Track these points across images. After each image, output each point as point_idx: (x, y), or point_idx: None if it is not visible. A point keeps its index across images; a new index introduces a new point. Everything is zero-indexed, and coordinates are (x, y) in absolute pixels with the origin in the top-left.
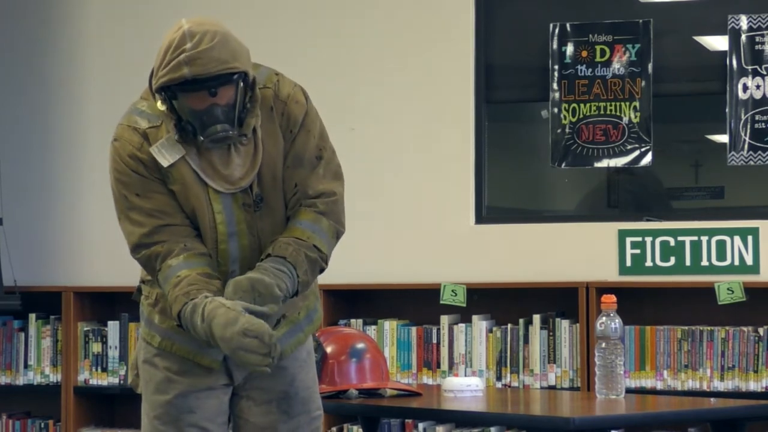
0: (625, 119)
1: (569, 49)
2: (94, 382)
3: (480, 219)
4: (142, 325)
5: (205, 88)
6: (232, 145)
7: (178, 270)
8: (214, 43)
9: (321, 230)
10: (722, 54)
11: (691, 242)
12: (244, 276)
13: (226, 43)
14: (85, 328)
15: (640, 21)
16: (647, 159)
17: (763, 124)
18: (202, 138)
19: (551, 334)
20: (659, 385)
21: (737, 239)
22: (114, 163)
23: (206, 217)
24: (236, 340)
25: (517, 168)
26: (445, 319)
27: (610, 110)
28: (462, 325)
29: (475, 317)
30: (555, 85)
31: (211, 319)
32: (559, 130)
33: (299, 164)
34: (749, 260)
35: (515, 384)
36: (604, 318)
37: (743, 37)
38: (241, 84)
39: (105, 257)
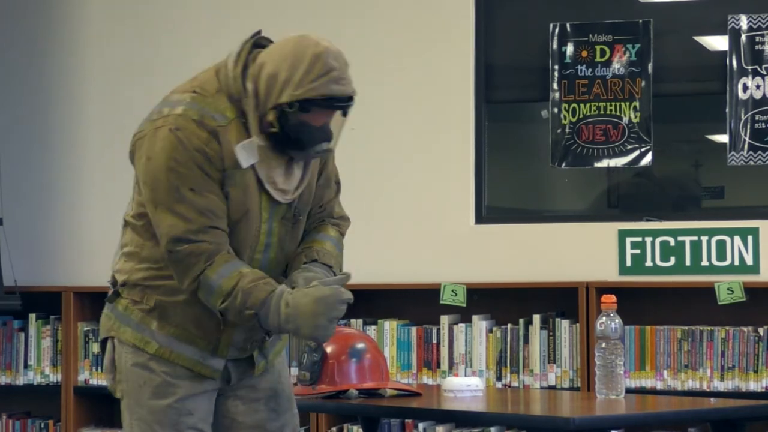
0: (625, 119)
1: (569, 49)
2: (94, 382)
3: (480, 219)
4: (128, 330)
5: (340, 108)
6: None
7: (238, 266)
8: (347, 65)
9: (341, 250)
10: (722, 54)
11: (691, 242)
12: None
13: None
14: (85, 328)
15: (640, 21)
16: (647, 159)
17: (763, 124)
18: (301, 150)
19: (551, 334)
20: (659, 385)
21: (737, 239)
22: (174, 152)
23: (254, 225)
24: (335, 310)
25: (517, 168)
26: (445, 319)
27: (610, 110)
28: (462, 325)
29: (475, 317)
30: (555, 85)
31: (301, 298)
32: (559, 130)
33: (328, 185)
34: (749, 260)
35: (515, 384)
36: (604, 318)
37: (743, 37)
38: None
39: (105, 257)
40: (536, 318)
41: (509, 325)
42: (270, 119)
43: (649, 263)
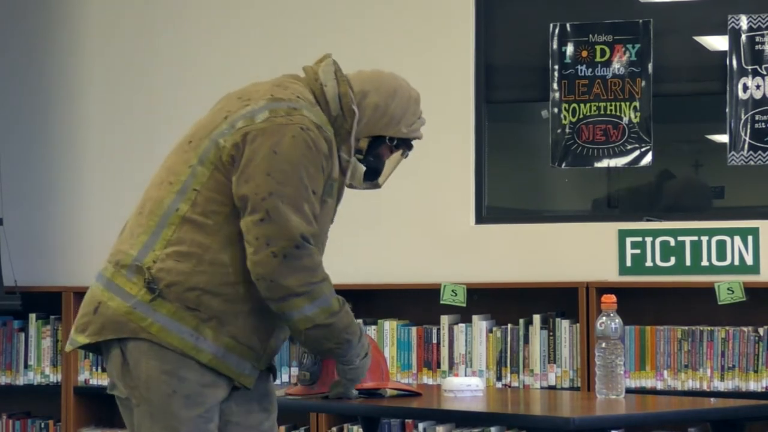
0: (625, 119)
1: (569, 49)
2: (94, 382)
3: (480, 219)
4: (174, 335)
5: (409, 148)
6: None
7: None
8: None
9: None
10: (722, 54)
11: (691, 242)
12: None
13: None
14: None
15: (640, 21)
16: (647, 159)
17: (763, 124)
18: (370, 181)
19: (551, 334)
20: (659, 385)
21: (737, 239)
22: (307, 151)
23: (325, 239)
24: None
25: (517, 168)
26: (445, 319)
27: (610, 110)
28: (462, 325)
29: (475, 317)
30: (555, 85)
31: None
32: (559, 130)
33: None
34: (749, 260)
35: (515, 384)
36: (604, 318)
37: (743, 37)
38: None
39: (105, 257)
40: (536, 318)
41: (509, 325)
42: (362, 146)
43: (649, 263)
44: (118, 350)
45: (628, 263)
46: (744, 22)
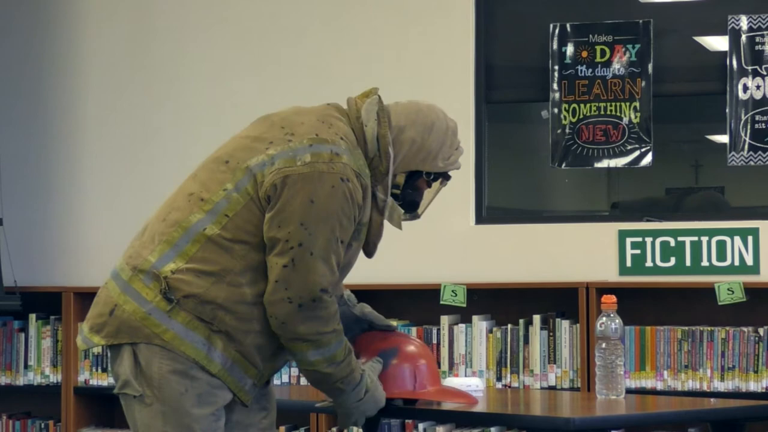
0: (625, 119)
1: (569, 49)
2: (94, 382)
3: (480, 219)
4: (188, 344)
5: (448, 178)
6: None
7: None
8: None
9: None
10: (722, 54)
11: (691, 242)
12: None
13: None
14: None
15: (640, 21)
16: (647, 159)
17: (763, 124)
18: (408, 214)
19: (551, 334)
20: (659, 386)
21: (737, 239)
22: (345, 205)
23: (344, 275)
24: (376, 406)
25: (517, 168)
26: (445, 320)
27: (610, 110)
28: (462, 326)
29: (475, 317)
30: (555, 86)
31: (371, 395)
32: (559, 130)
33: None
34: (749, 260)
35: (515, 384)
36: (604, 318)
37: (743, 37)
38: None
39: (105, 257)
40: (536, 318)
41: (509, 326)
42: (398, 181)
43: (649, 263)
44: (129, 350)
45: (628, 263)
46: (744, 22)
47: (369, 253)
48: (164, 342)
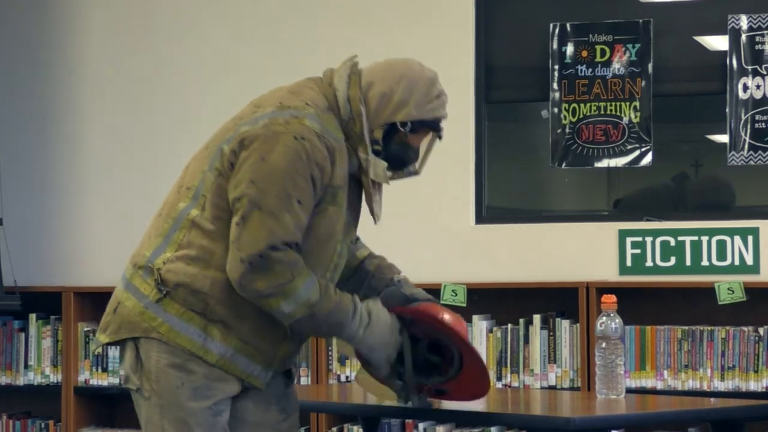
0: (625, 119)
1: (569, 49)
2: (94, 382)
3: (480, 219)
4: (183, 336)
5: (440, 129)
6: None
7: (318, 279)
8: None
9: None
10: (722, 54)
11: (691, 242)
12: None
13: None
14: (85, 328)
15: (640, 21)
16: (647, 159)
17: (763, 124)
18: (397, 171)
19: (551, 334)
20: (659, 385)
21: (737, 239)
22: (297, 161)
23: (332, 246)
24: (390, 342)
25: (517, 168)
26: None
27: (610, 110)
28: None
29: (475, 317)
30: (555, 85)
31: (374, 326)
32: (559, 130)
33: None
34: (749, 260)
35: (515, 384)
36: (604, 318)
37: (743, 37)
38: None
39: (105, 257)
40: (536, 318)
41: (509, 325)
42: (377, 137)
43: (649, 263)
44: (132, 346)
45: (628, 263)
46: (744, 22)
47: (374, 219)
48: (160, 335)
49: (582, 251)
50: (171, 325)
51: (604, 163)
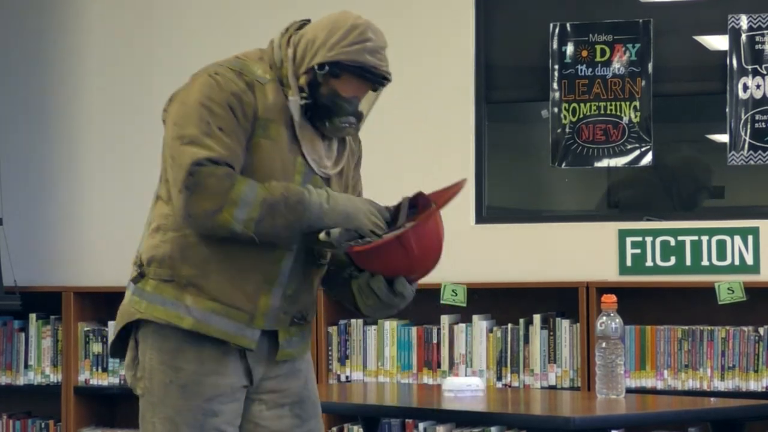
0: (625, 119)
1: (569, 48)
2: (94, 382)
3: (480, 219)
4: (160, 308)
5: (372, 81)
6: (331, 137)
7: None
8: (386, 45)
9: None
10: (722, 54)
11: (691, 242)
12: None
13: None
14: (85, 328)
15: (640, 21)
16: (647, 159)
17: (763, 123)
18: (328, 121)
19: (551, 334)
20: (659, 385)
21: (737, 239)
22: (210, 91)
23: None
24: (365, 206)
25: (517, 168)
26: (445, 319)
27: (610, 110)
28: (462, 325)
29: (475, 317)
30: (555, 85)
31: (338, 196)
32: (559, 130)
33: (359, 165)
34: (749, 260)
35: (515, 384)
36: (604, 318)
37: (743, 36)
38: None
39: (105, 257)
40: (536, 318)
41: (509, 325)
42: (302, 83)
43: (649, 263)
44: (132, 344)
45: (628, 263)
46: (744, 21)
47: (312, 168)
48: (142, 314)
49: (582, 251)
50: (149, 301)
51: (604, 163)
